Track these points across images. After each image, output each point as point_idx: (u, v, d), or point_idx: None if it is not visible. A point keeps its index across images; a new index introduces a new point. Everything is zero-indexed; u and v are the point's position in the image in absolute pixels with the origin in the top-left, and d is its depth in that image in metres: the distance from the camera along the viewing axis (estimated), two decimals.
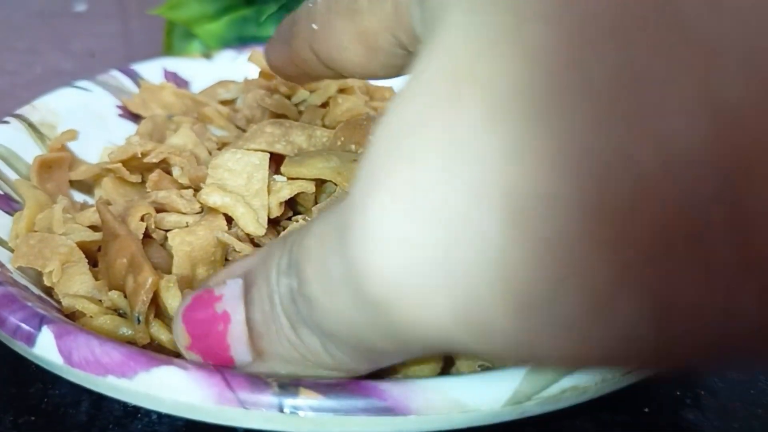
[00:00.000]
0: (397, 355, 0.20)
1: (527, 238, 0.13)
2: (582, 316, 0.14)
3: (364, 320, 0.17)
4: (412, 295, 0.15)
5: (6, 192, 0.33)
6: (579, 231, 0.13)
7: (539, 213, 0.13)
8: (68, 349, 0.22)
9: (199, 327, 0.21)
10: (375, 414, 0.20)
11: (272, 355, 0.21)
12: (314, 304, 0.18)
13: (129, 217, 0.29)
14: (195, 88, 0.46)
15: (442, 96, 0.15)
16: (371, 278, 0.16)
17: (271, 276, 0.20)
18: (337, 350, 0.19)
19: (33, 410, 0.27)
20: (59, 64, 0.67)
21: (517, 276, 0.14)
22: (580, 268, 0.13)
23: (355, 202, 0.16)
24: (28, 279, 0.29)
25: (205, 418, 0.22)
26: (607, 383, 0.22)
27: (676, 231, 0.13)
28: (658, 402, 0.28)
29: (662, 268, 0.13)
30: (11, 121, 0.37)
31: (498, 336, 0.15)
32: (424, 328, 0.16)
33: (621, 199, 0.13)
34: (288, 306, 0.19)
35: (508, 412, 0.21)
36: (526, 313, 0.14)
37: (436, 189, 0.14)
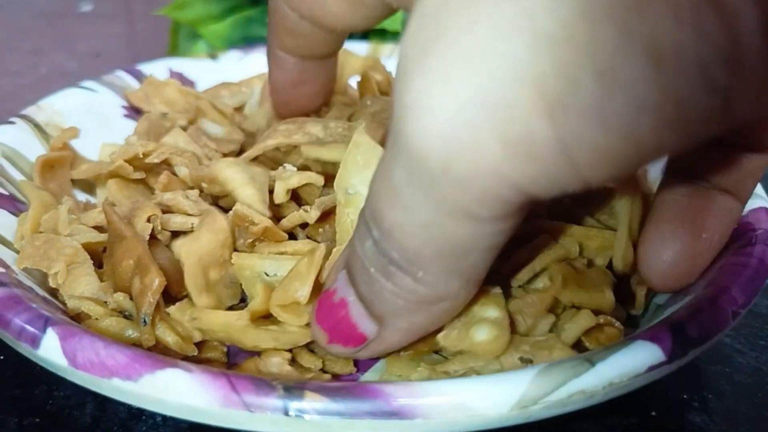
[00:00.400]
0: (472, 243, 0.20)
1: (546, 47, 0.15)
2: (598, 93, 0.15)
3: (434, 206, 0.19)
4: (466, 140, 0.17)
5: (11, 192, 0.33)
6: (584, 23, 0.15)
7: (549, 17, 0.15)
8: (73, 351, 0.22)
9: (328, 321, 0.24)
10: (381, 417, 0.20)
11: (387, 313, 0.23)
12: (394, 234, 0.20)
13: (135, 218, 0.29)
14: (200, 88, 0.46)
15: None
16: (430, 148, 0.18)
17: (358, 249, 0.22)
18: (426, 275, 0.21)
19: (37, 412, 0.27)
20: (64, 64, 0.67)
21: (542, 77, 0.16)
22: (587, 49, 0.15)
23: (400, 93, 0.18)
24: (34, 280, 0.29)
25: (210, 421, 0.21)
26: (614, 388, 0.21)
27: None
28: (666, 405, 0.28)
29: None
30: (17, 122, 0.37)
31: (539, 151, 0.16)
32: (482, 174, 0.17)
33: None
34: (377, 261, 0.22)
35: (515, 416, 0.21)
36: (557, 111, 0.16)
37: (469, 39, 0.16)
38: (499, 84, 0.16)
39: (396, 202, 0.20)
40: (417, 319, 0.23)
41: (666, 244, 0.26)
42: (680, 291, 0.28)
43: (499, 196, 0.18)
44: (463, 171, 0.17)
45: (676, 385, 0.29)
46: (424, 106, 0.17)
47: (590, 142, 0.16)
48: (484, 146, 0.17)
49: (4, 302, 0.24)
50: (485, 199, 0.18)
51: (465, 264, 0.21)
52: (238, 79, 0.45)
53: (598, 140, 0.16)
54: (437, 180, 0.18)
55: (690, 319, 0.24)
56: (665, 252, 0.26)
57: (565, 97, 0.16)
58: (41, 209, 0.32)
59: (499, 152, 0.17)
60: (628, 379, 0.22)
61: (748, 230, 0.29)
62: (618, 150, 0.16)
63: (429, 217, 0.19)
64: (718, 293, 0.25)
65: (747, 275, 0.26)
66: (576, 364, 0.21)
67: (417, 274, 0.21)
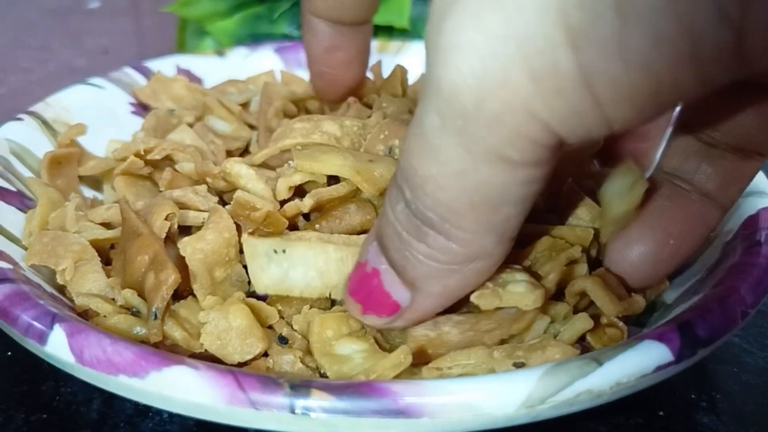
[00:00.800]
0: (505, 192, 0.20)
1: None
2: (617, 24, 0.16)
3: (467, 151, 0.19)
4: (497, 75, 0.17)
5: (19, 189, 0.33)
6: None
7: None
8: (80, 348, 0.22)
9: (361, 292, 0.24)
10: (387, 416, 0.20)
11: (421, 278, 0.23)
12: (426, 189, 0.20)
13: (153, 215, 0.29)
14: (208, 85, 0.46)
15: None
16: (463, 85, 0.18)
17: (389, 214, 0.22)
18: (458, 230, 0.21)
19: (45, 408, 0.27)
20: (72, 61, 0.67)
21: (566, 9, 0.16)
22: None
23: (433, 36, 0.19)
24: (42, 277, 0.29)
25: (216, 418, 0.22)
26: (621, 387, 0.21)
27: None
28: (673, 405, 0.28)
29: None
30: (25, 118, 0.37)
31: (565, 84, 0.17)
32: (513, 110, 0.18)
33: None
34: (409, 224, 0.22)
35: (521, 415, 0.21)
36: (579, 42, 0.16)
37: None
38: (526, 17, 0.17)
39: (429, 154, 0.20)
40: (450, 282, 0.23)
41: (631, 246, 0.26)
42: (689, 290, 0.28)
43: (529, 135, 0.18)
44: (495, 108, 0.18)
45: (684, 384, 0.29)
46: (457, 44, 0.18)
47: (610, 74, 0.17)
48: (515, 80, 0.17)
49: (12, 299, 0.24)
50: (517, 138, 0.18)
51: (498, 218, 0.21)
52: (246, 76, 0.45)
53: (618, 72, 0.17)
54: (470, 120, 0.18)
55: (698, 318, 0.23)
56: (629, 253, 0.26)
57: (586, 28, 0.16)
58: (49, 206, 0.32)
59: (529, 86, 0.17)
60: (635, 378, 0.22)
61: (757, 230, 0.28)
62: (637, 84, 0.17)
63: (462, 165, 0.19)
64: (727, 293, 0.25)
65: (756, 275, 0.26)
66: (583, 363, 0.21)
67: (450, 231, 0.21)
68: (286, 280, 0.28)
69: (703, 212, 0.26)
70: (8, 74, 0.63)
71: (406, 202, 0.22)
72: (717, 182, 0.25)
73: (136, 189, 0.33)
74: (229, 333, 0.26)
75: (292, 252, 0.28)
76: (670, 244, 0.26)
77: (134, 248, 0.28)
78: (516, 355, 0.25)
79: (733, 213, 0.31)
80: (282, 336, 0.28)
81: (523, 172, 0.19)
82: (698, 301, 0.25)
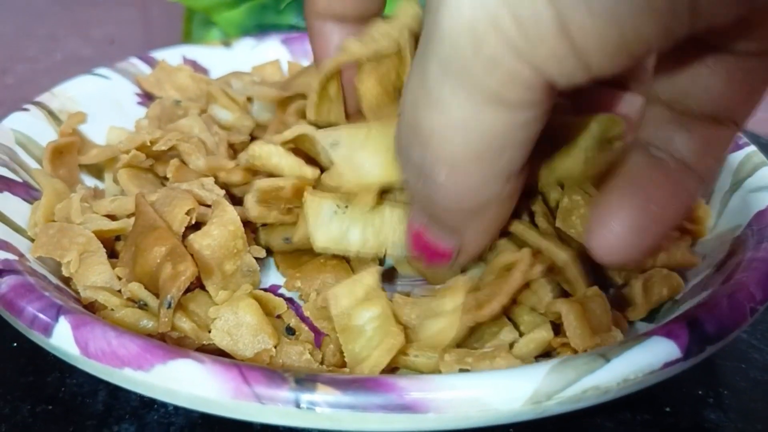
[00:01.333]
0: (506, 135, 0.21)
1: None
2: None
3: (467, 96, 0.20)
4: (490, 21, 0.18)
5: (25, 180, 0.33)
6: None
7: None
8: (85, 340, 0.22)
9: (417, 248, 0.26)
10: (393, 411, 0.20)
11: (455, 225, 0.25)
12: (433, 142, 0.21)
13: (175, 209, 0.29)
14: (214, 76, 0.46)
15: None
16: (462, 32, 0.19)
17: (408, 175, 0.24)
18: (467, 179, 0.22)
19: (50, 399, 0.27)
20: (79, 50, 0.67)
21: None
22: None
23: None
24: (47, 269, 0.29)
25: (221, 412, 0.21)
26: (629, 384, 0.21)
27: None
28: (680, 401, 0.28)
29: None
30: (31, 109, 0.37)
31: (545, 32, 0.18)
32: (506, 54, 0.19)
33: None
34: (422, 180, 0.23)
35: (528, 411, 0.21)
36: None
37: None
38: None
39: (432, 105, 0.21)
40: (484, 219, 0.25)
41: (612, 214, 0.25)
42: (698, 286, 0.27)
43: (523, 77, 0.19)
44: (491, 51, 0.19)
45: (691, 380, 0.29)
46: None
47: (580, 23, 0.18)
48: (504, 26, 0.18)
49: (17, 290, 0.24)
50: (512, 81, 0.19)
51: (502, 162, 0.22)
52: (252, 66, 0.45)
53: (587, 22, 0.18)
54: (469, 65, 0.19)
55: (707, 315, 0.23)
56: (611, 222, 0.25)
57: None
58: (54, 197, 0.32)
59: (516, 32, 0.18)
60: (643, 375, 0.21)
61: (766, 225, 0.28)
62: (604, 34, 0.18)
63: (464, 112, 0.20)
64: (735, 289, 0.25)
65: (765, 271, 0.25)
66: (590, 359, 0.21)
67: (459, 182, 0.22)
68: (345, 238, 0.29)
69: (683, 180, 0.26)
70: (15, 63, 0.63)
71: (416, 159, 0.23)
72: (693, 150, 0.25)
73: (139, 181, 0.33)
74: (239, 329, 0.26)
75: (353, 209, 0.28)
76: (653, 210, 0.26)
77: (150, 240, 0.28)
78: (465, 361, 0.25)
79: (742, 208, 0.30)
80: (290, 327, 0.28)
81: (521, 114, 0.20)
82: (707, 297, 0.25)
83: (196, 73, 0.43)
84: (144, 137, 0.33)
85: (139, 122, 0.39)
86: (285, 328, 0.28)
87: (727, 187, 0.33)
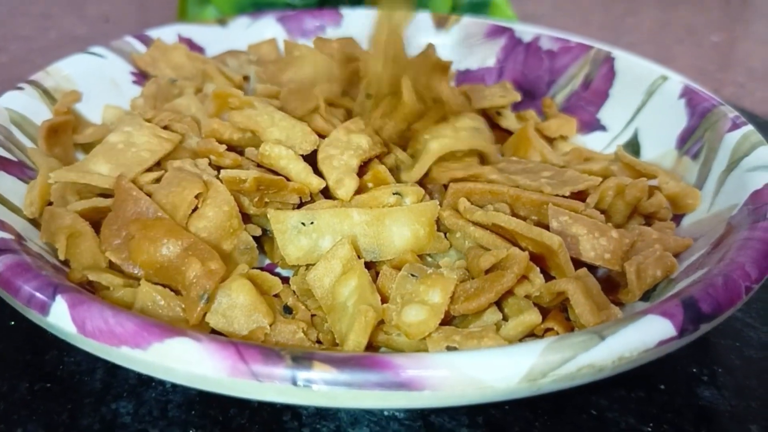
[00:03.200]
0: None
1: None
2: None
3: None
4: None
5: (20, 159, 0.33)
6: None
7: None
8: (82, 319, 0.22)
9: None
10: (389, 389, 0.20)
11: None
12: None
13: (184, 191, 0.29)
14: (209, 54, 0.45)
15: None
16: None
17: None
18: None
19: (48, 377, 0.27)
20: (73, 29, 0.66)
21: None
22: None
23: None
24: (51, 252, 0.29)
25: (218, 389, 0.22)
26: (624, 362, 0.21)
27: None
28: (675, 379, 0.28)
29: None
30: (25, 87, 0.36)
31: None
32: None
33: None
34: None
35: (523, 389, 0.21)
36: None
37: None
38: None
39: None
40: None
41: None
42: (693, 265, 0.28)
43: None
44: None
45: (686, 358, 0.29)
46: None
47: None
48: None
49: (14, 269, 0.24)
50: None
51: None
52: (247, 45, 0.45)
53: None
54: None
55: (702, 293, 0.23)
56: None
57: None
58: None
59: None
60: (637, 353, 0.21)
61: (763, 204, 0.28)
62: None
63: None
64: (731, 268, 0.25)
65: (761, 250, 0.26)
66: (586, 338, 0.21)
67: None
68: (316, 248, 0.29)
69: None
70: (9, 42, 0.63)
71: None
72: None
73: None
74: (233, 310, 0.26)
75: (319, 221, 0.28)
76: None
77: (156, 232, 0.28)
78: (452, 339, 0.25)
79: (739, 187, 0.30)
80: (287, 306, 0.28)
81: None
82: (702, 275, 0.25)
83: (191, 52, 0.43)
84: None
85: (135, 101, 0.39)
86: (282, 307, 0.28)
87: (724, 166, 0.33)
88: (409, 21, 0.34)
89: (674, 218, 0.33)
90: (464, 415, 0.26)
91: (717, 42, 0.71)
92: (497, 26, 0.48)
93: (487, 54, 0.48)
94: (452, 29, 0.49)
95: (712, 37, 0.72)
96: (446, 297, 0.26)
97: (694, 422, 0.26)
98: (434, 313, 0.26)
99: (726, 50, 0.69)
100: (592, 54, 0.44)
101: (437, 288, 0.26)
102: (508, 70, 0.47)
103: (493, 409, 0.26)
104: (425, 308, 0.26)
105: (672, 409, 0.27)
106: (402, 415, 0.26)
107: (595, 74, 0.44)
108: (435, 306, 0.26)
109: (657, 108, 0.40)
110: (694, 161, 0.35)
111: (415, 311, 0.26)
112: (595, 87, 0.44)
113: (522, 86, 0.46)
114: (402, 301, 0.27)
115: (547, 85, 0.46)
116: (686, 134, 0.37)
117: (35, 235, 0.30)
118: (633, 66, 0.42)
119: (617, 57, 0.43)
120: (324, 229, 0.28)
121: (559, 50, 0.46)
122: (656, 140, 0.39)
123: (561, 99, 0.45)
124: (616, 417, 0.26)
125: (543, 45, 0.46)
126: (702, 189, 0.33)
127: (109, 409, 0.26)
